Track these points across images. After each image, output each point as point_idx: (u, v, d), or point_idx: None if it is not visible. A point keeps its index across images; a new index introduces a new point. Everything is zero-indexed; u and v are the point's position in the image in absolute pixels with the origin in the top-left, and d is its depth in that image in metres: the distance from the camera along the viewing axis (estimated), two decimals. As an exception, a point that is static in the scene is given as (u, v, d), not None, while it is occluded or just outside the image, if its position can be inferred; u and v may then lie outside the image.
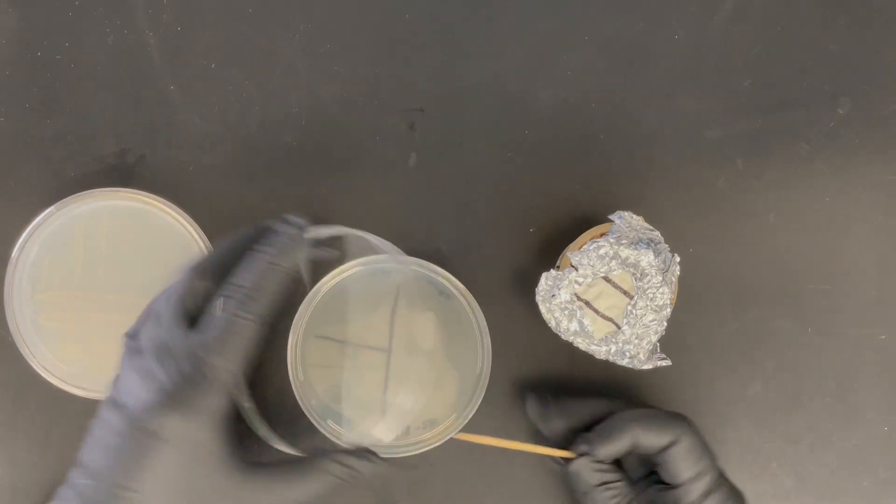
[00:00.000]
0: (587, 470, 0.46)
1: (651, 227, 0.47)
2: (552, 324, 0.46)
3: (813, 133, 0.53)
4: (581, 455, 0.46)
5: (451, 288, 0.51)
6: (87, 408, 0.52)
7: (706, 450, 0.45)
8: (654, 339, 0.46)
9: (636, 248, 0.45)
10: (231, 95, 0.53)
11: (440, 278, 0.51)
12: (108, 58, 0.53)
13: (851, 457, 0.53)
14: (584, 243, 0.46)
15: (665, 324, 0.45)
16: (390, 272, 0.52)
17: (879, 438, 0.53)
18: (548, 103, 0.53)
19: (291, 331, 0.51)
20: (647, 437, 0.45)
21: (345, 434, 0.50)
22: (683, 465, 0.44)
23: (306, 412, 0.51)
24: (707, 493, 0.44)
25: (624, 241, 0.45)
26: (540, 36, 0.53)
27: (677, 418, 0.46)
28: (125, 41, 0.53)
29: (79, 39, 0.53)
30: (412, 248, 0.53)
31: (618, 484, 0.46)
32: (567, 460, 0.47)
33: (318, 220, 0.52)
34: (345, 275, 0.51)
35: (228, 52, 0.53)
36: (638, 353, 0.46)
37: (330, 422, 0.51)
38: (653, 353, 0.46)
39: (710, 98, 0.53)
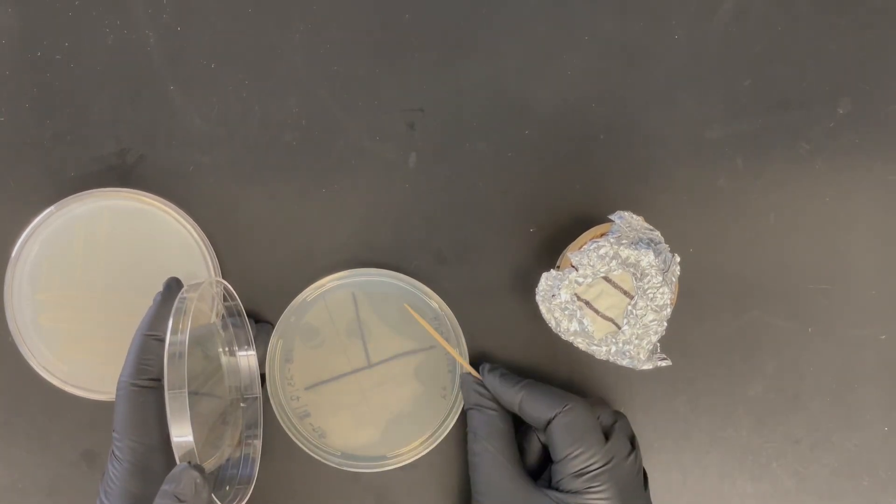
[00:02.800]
0: (467, 387, 0.49)
1: (651, 227, 0.47)
2: (552, 324, 0.46)
3: (813, 133, 0.53)
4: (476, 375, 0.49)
5: (424, 296, 0.52)
6: (87, 408, 0.52)
7: (590, 432, 0.44)
8: (654, 339, 0.46)
9: (636, 248, 0.45)
10: (231, 95, 0.53)
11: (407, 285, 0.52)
12: (108, 58, 0.53)
13: (851, 457, 0.53)
14: (584, 243, 0.46)
15: (665, 324, 0.45)
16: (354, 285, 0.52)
17: (879, 438, 0.53)
18: (548, 103, 0.53)
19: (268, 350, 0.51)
20: (532, 405, 0.46)
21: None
22: (560, 441, 0.44)
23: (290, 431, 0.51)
24: (580, 474, 0.44)
25: (624, 241, 0.45)
26: (540, 36, 0.53)
27: (567, 398, 0.46)
28: (125, 41, 0.53)
29: (79, 39, 0.53)
30: (412, 248, 0.53)
31: (490, 412, 0.47)
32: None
33: (319, 223, 0.53)
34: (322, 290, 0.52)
35: (228, 52, 0.53)
36: (638, 353, 0.46)
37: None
38: (653, 353, 0.46)
39: (710, 98, 0.53)
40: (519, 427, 0.49)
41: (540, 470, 0.48)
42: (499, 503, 0.45)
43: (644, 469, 0.47)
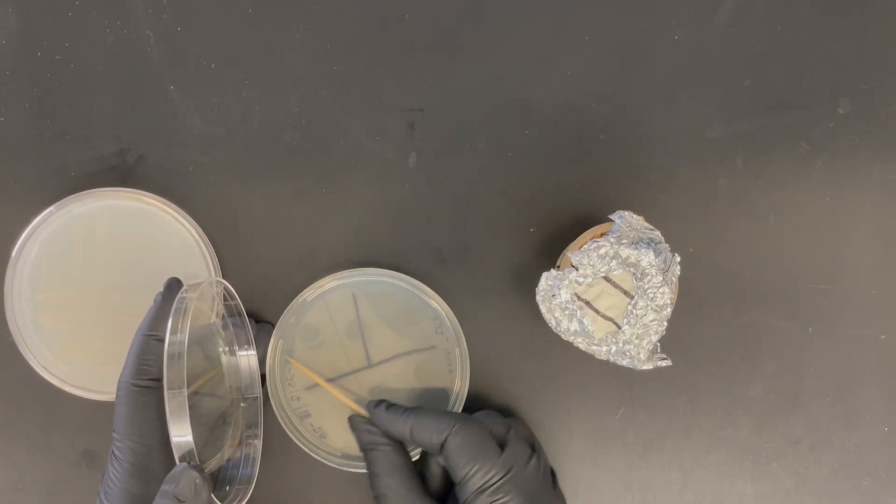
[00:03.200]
0: (357, 428, 0.49)
1: (651, 227, 0.46)
2: (552, 324, 0.46)
3: (813, 133, 0.53)
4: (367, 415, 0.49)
5: (424, 296, 0.52)
6: (87, 408, 0.52)
7: (483, 446, 0.44)
8: (655, 339, 0.46)
9: (636, 248, 0.45)
10: (231, 95, 0.53)
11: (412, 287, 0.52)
12: (108, 58, 0.53)
13: (851, 457, 0.53)
14: (585, 243, 0.46)
15: (665, 324, 0.45)
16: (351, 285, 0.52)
17: (879, 438, 0.53)
18: (548, 103, 0.53)
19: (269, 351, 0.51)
20: (421, 432, 0.46)
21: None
22: (456, 462, 0.44)
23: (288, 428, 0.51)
24: (482, 490, 0.43)
25: (624, 241, 0.45)
26: (540, 36, 0.53)
27: (454, 418, 0.45)
28: (125, 41, 0.53)
29: (79, 39, 0.53)
30: (412, 248, 0.53)
31: (385, 448, 0.47)
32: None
33: (319, 223, 0.53)
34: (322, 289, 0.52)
35: (228, 52, 0.53)
36: (638, 353, 0.46)
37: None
38: (653, 353, 0.46)
39: (710, 98, 0.53)
40: (423, 458, 0.49)
41: (445, 494, 0.48)
42: None
43: (551, 467, 0.47)
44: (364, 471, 0.50)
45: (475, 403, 0.52)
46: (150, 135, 0.53)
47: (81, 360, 0.51)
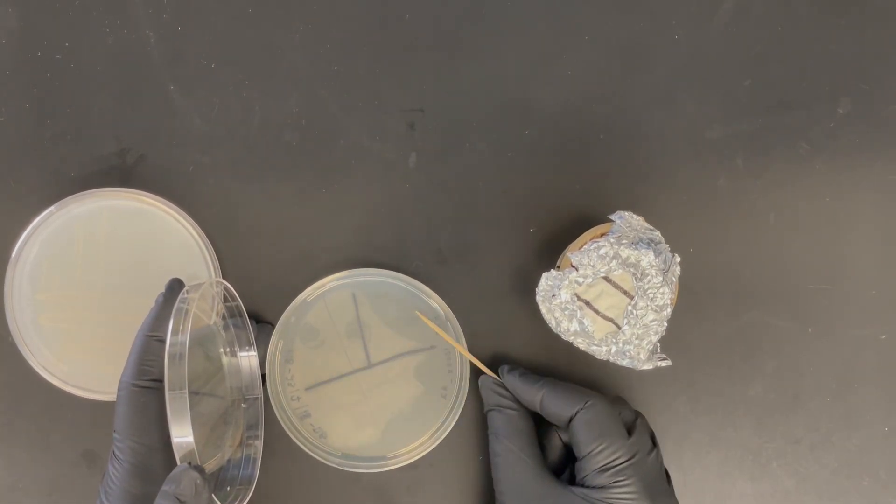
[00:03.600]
0: (486, 388, 0.49)
1: (651, 227, 0.47)
2: (552, 324, 0.46)
3: (813, 133, 0.53)
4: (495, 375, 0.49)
5: (423, 295, 0.52)
6: (87, 408, 0.52)
7: (613, 427, 0.45)
8: (655, 339, 0.46)
9: (636, 248, 0.45)
10: (231, 95, 0.53)
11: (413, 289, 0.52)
12: (108, 58, 0.53)
13: (851, 457, 0.53)
14: (585, 243, 0.46)
15: (665, 324, 0.45)
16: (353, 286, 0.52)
17: (879, 438, 0.53)
18: (548, 103, 0.53)
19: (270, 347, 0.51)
20: (553, 403, 0.46)
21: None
22: (584, 437, 0.45)
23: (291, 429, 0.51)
24: (605, 469, 0.44)
25: (624, 241, 0.45)
26: (540, 36, 0.53)
27: (588, 394, 0.46)
28: (125, 41, 0.53)
29: (79, 39, 0.53)
30: (412, 248, 0.53)
31: (510, 412, 0.48)
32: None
33: (319, 223, 0.53)
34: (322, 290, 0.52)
35: (228, 52, 0.53)
36: (638, 353, 0.46)
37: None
38: (653, 354, 0.46)
39: (710, 98, 0.53)
40: (539, 427, 0.49)
41: (561, 468, 0.48)
42: (523, 502, 0.46)
43: (667, 469, 0.47)
44: (364, 471, 0.51)
45: (475, 403, 0.52)
46: (150, 135, 0.53)
47: (81, 360, 0.51)
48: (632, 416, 0.47)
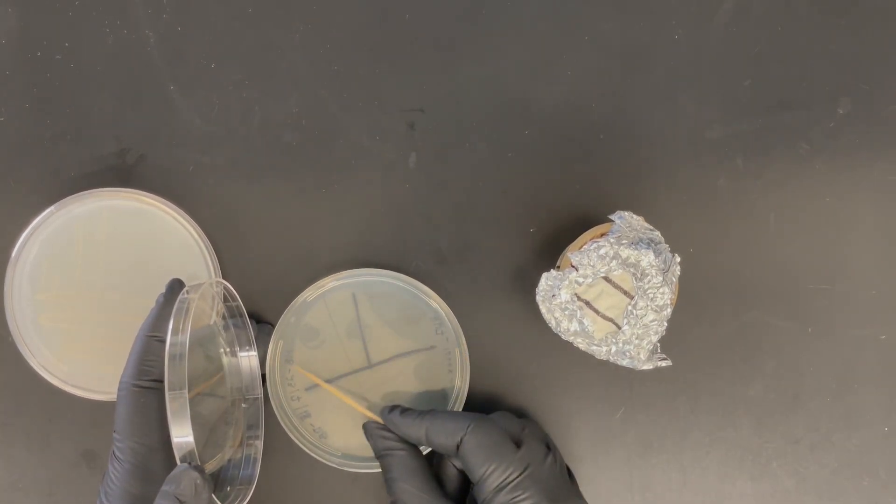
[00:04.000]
0: (372, 435, 0.49)
1: (651, 227, 0.46)
2: (552, 324, 0.46)
3: (813, 133, 0.53)
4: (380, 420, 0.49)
5: (424, 296, 0.52)
6: (87, 408, 0.52)
7: (500, 445, 0.44)
8: (655, 339, 0.46)
9: (636, 248, 0.45)
10: (231, 95, 0.53)
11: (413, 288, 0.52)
12: (108, 58, 0.53)
13: (851, 457, 0.53)
14: (585, 243, 0.46)
15: (665, 324, 0.45)
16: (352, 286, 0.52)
17: (879, 438, 0.53)
18: (548, 103, 0.53)
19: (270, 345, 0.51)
20: (437, 434, 0.46)
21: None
22: (473, 461, 0.44)
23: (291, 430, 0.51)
24: (501, 488, 0.43)
25: (624, 241, 0.45)
26: (540, 36, 0.53)
27: (469, 418, 0.46)
28: (125, 41, 0.53)
29: (79, 39, 0.53)
30: (412, 248, 0.53)
31: (400, 453, 0.47)
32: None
33: (319, 223, 0.53)
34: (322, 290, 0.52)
35: (228, 52, 0.53)
36: (638, 353, 0.46)
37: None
38: (653, 354, 0.46)
39: (710, 98, 0.53)
40: (432, 460, 0.49)
41: (462, 495, 0.48)
42: None
43: (568, 466, 0.47)
44: (364, 471, 0.51)
45: (475, 403, 0.52)
46: (150, 135, 0.53)
47: (81, 360, 0.51)
48: (518, 427, 0.47)
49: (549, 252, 0.53)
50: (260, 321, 0.52)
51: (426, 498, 0.45)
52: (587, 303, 0.46)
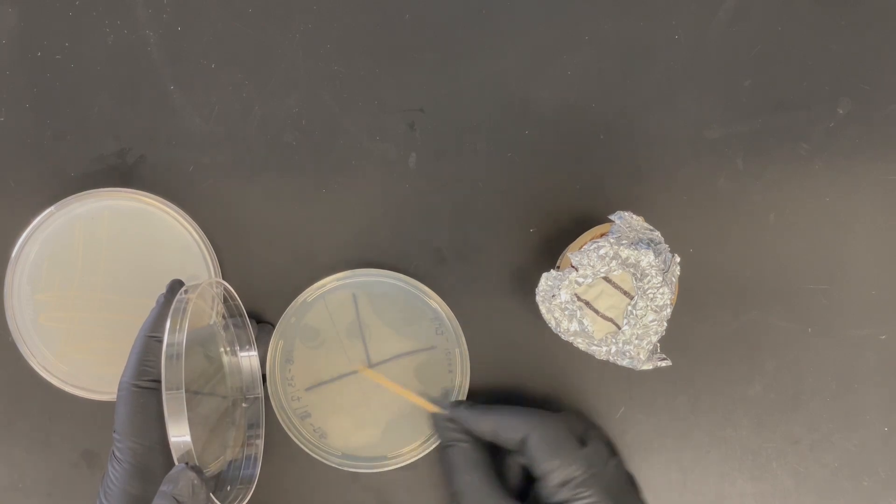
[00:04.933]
0: (440, 427, 0.49)
1: (651, 227, 0.46)
2: (552, 324, 0.46)
3: (813, 133, 0.53)
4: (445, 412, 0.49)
5: (424, 296, 0.52)
6: (87, 408, 0.52)
7: (566, 443, 0.45)
8: (655, 339, 0.46)
9: (636, 249, 0.45)
10: (231, 95, 0.53)
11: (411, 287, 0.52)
12: (108, 58, 0.53)
13: (851, 457, 0.53)
14: (585, 243, 0.46)
15: (665, 324, 0.45)
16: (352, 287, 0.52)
17: (879, 438, 0.53)
18: (548, 103, 0.53)
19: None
20: (504, 429, 0.46)
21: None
22: (539, 457, 0.45)
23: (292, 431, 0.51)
24: (563, 484, 0.44)
25: (624, 242, 0.45)
26: (540, 36, 0.53)
27: (537, 415, 0.46)
28: (125, 41, 0.53)
29: (79, 39, 0.53)
30: (412, 248, 0.53)
31: (464, 445, 0.47)
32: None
33: (319, 223, 0.53)
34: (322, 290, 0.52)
35: (228, 52, 0.53)
36: (638, 353, 0.46)
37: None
38: (653, 354, 0.46)
39: (710, 98, 0.53)
40: (495, 455, 0.49)
41: (524, 491, 0.48)
42: None
43: (631, 475, 0.47)
44: (364, 471, 0.51)
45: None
46: (150, 135, 0.53)
47: (81, 360, 0.51)
48: (583, 428, 0.47)
49: (549, 252, 0.53)
50: (260, 321, 0.52)
51: (487, 491, 0.46)
52: (587, 303, 0.46)
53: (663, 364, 0.48)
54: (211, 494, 0.41)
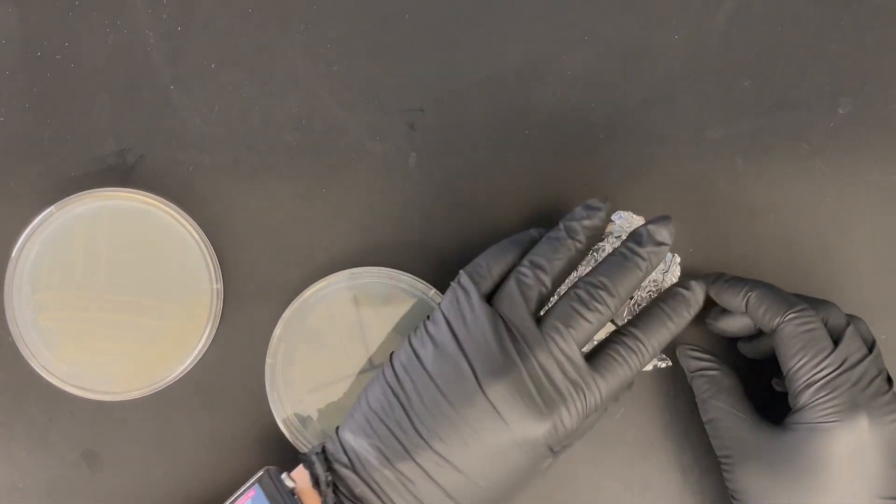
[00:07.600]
0: (684, 356, 0.48)
1: (651, 227, 0.46)
2: (552, 324, 0.46)
3: (813, 133, 0.53)
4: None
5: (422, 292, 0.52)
6: (87, 408, 0.52)
7: (813, 340, 0.43)
8: (655, 339, 0.46)
9: (636, 248, 0.45)
10: (231, 95, 0.53)
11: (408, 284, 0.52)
12: (108, 58, 0.53)
13: (851, 457, 0.52)
14: (585, 243, 0.46)
15: (665, 324, 0.45)
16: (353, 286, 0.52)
17: (879, 438, 0.52)
18: (548, 103, 0.53)
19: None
20: (757, 308, 0.44)
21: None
22: (783, 353, 0.43)
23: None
24: (808, 386, 0.42)
25: (624, 241, 0.45)
26: (540, 36, 0.53)
27: (791, 303, 0.44)
28: (125, 41, 0.53)
29: (79, 39, 0.53)
30: (412, 248, 0.53)
31: (713, 373, 0.47)
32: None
33: (319, 223, 0.53)
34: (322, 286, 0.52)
35: (228, 52, 0.53)
36: (638, 353, 0.46)
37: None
38: (653, 353, 0.46)
39: (710, 98, 0.53)
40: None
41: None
42: (746, 455, 0.45)
43: (888, 372, 0.45)
44: None
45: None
46: (150, 135, 0.53)
47: (81, 360, 0.51)
48: (843, 321, 0.44)
49: (549, 252, 0.53)
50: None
51: (740, 416, 0.45)
52: (587, 303, 0.46)
53: (663, 365, 0.48)
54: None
